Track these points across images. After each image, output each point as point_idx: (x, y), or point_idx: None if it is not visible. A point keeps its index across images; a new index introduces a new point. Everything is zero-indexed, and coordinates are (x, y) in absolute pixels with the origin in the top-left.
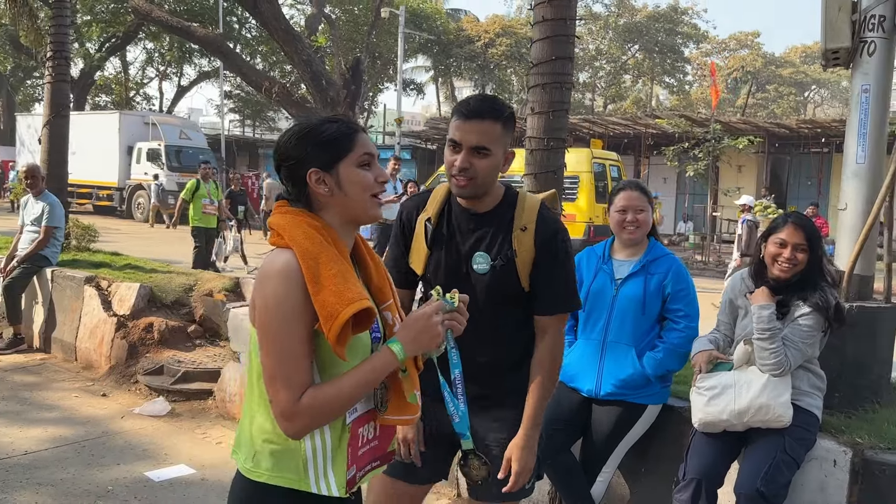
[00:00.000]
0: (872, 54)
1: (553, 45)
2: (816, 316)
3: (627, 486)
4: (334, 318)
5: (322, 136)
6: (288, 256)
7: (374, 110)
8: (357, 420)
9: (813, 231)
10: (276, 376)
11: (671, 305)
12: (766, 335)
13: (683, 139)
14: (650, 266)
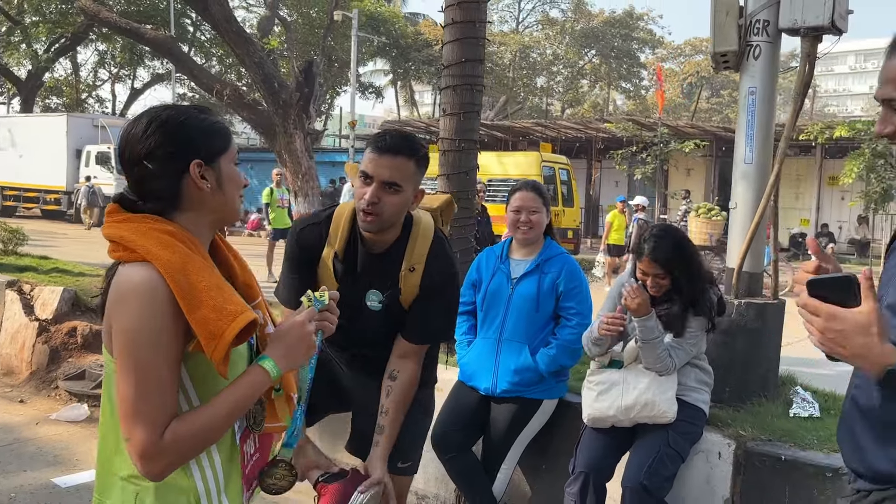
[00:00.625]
0: (758, 57)
1: (463, 47)
2: (699, 319)
3: (528, 482)
4: (218, 337)
5: (206, 124)
6: (146, 272)
7: (331, 113)
8: (241, 437)
9: (667, 261)
10: (137, 412)
11: (564, 303)
12: (649, 344)
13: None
14: (544, 265)
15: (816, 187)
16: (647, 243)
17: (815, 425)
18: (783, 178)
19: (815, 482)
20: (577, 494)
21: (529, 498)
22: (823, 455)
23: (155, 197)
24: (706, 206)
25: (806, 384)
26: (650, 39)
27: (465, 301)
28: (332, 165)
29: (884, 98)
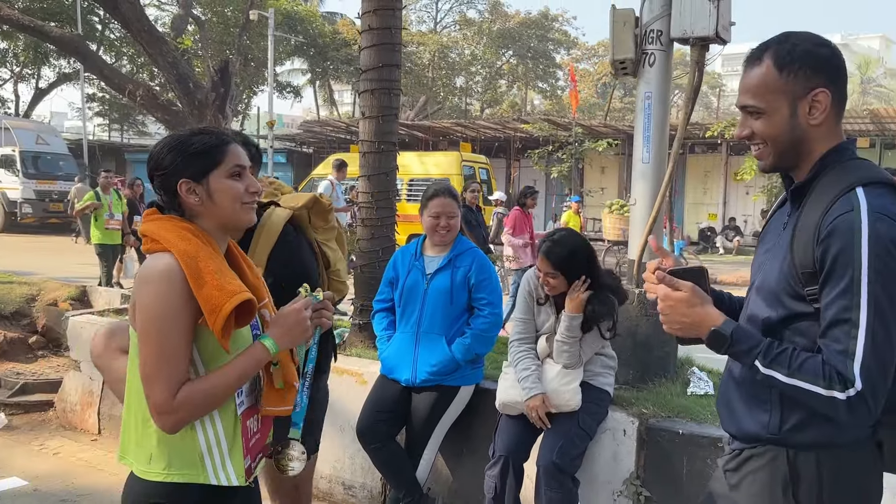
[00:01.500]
0: (653, 65)
1: (380, 52)
2: (608, 323)
3: (451, 466)
4: (218, 310)
5: (192, 147)
6: (167, 259)
7: (248, 113)
8: (245, 412)
9: (559, 258)
10: (154, 374)
11: (476, 294)
12: (569, 341)
13: (549, 142)
14: (456, 260)
15: (723, 183)
16: (545, 243)
17: (709, 401)
18: (691, 175)
19: (709, 452)
20: (497, 476)
21: (451, 481)
22: (716, 428)
23: (167, 206)
24: (619, 203)
25: (702, 365)
26: (565, 40)
27: (383, 298)
28: None
29: (741, 106)
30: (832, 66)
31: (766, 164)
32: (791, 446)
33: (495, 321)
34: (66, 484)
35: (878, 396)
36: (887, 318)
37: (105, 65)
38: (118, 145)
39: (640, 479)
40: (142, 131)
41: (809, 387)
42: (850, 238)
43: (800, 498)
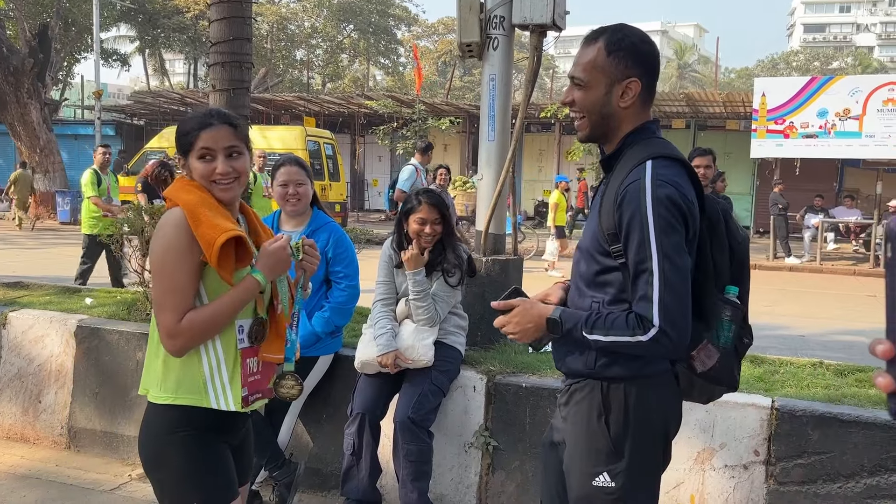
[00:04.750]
0: (497, 48)
1: (230, 25)
2: (456, 271)
3: (312, 431)
4: (212, 244)
5: (179, 129)
6: (176, 210)
7: (70, 82)
8: (245, 351)
9: (443, 204)
10: (164, 303)
11: (333, 268)
12: (420, 295)
13: (393, 119)
14: (313, 235)
15: (556, 161)
16: (422, 196)
17: (548, 357)
18: (527, 153)
19: (549, 403)
20: (355, 434)
21: (313, 446)
22: (553, 380)
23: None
24: (461, 180)
25: None
26: (406, 17)
27: None
28: (76, 138)
29: (570, 76)
30: (649, 63)
31: (582, 134)
32: (604, 379)
33: (352, 293)
34: None
35: (679, 327)
36: (674, 260)
37: None
38: None
39: (488, 431)
40: None
41: (622, 338)
42: (637, 201)
43: (610, 422)
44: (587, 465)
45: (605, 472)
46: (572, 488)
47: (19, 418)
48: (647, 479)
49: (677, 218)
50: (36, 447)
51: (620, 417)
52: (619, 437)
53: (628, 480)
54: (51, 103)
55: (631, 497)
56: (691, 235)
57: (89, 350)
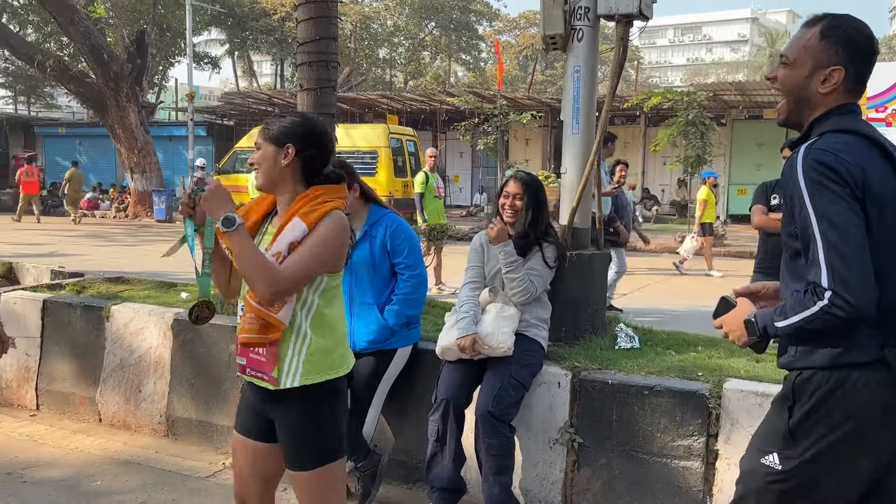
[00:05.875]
0: (581, 40)
1: (318, 25)
2: (552, 249)
3: (397, 424)
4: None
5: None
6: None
7: (165, 85)
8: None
9: (529, 183)
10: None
11: (395, 259)
12: (512, 267)
13: (474, 115)
14: (371, 230)
15: (641, 153)
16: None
17: (635, 354)
18: None
19: (636, 400)
20: (439, 420)
21: (396, 438)
22: (641, 377)
23: None
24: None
25: (628, 322)
26: (487, 12)
27: None
28: (170, 140)
29: (780, 53)
30: (860, 55)
31: (781, 117)
32: (800, 369)
33: (417, 282)
34: (9, 459)
35: (852, 287)
36: (833, 219)
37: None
38: (26, 119)
39: (573, 427)
40: (51, 104)
41: (803, 314)
42: (792, 175)
43: (794, 410)
44: (762, 442)
45: (776, 454)
46: (744, 460)
47: (122, 406)
48: (825, 477)
49: (831, 178)
50: (137, 434)
51: (806, 407)
52: (798, 425)
53: (798, 470)
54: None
55: (796, 488)
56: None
57: (185, 342)
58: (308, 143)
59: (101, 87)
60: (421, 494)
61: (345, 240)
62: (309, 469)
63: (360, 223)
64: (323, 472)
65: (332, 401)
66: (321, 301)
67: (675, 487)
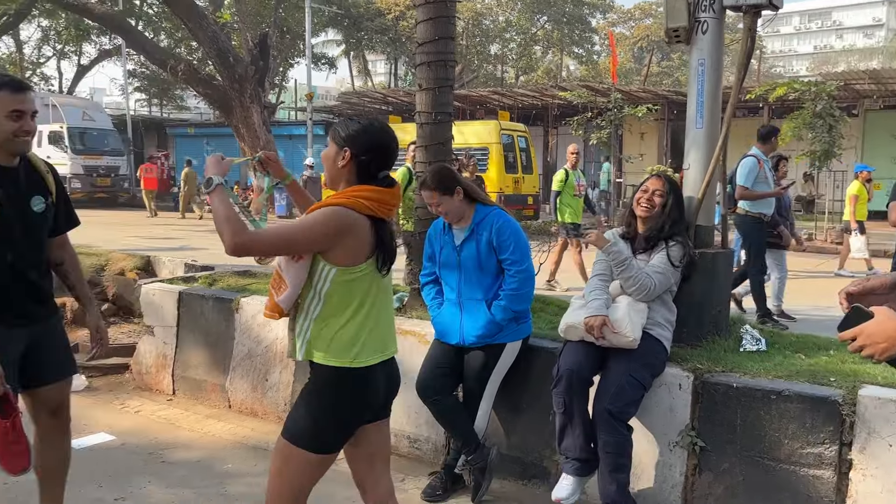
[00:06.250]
0: (706, 32)
1: (436, 26)
2: (679, 248)
3: (510, 419)
4: None
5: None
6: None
7: (284, 86)
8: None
9: (672, 182)
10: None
11: (501, 256)
12: (623, 266)
13: (587, 109)
14: (477, 228)
15: None
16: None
17: (761, 357)
18: (733, 139)
19: (761, 404)
20: (563, 392)
21: (509, 434)
22: (768, 381)
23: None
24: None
25: (754, 323)
26: (600, 4)
27: (426, 272)
28: (290, 138)
29: None
30: None
31: None
32: None
33: (524, 278)
34: (149, 439)
35: None
36: None
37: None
38: (159, 120)
39: (695, 430)
40: (181, 106)
41: None
42: None
43: None
44: None
45: None
46: None
47: (249, 394)
48: None
49: None
50: (263, 421)
51: None
52: None
53: None
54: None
55: None
56: None
57: None
58: (365, 149)
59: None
60: (536, 491)
61: (337, 230)
62: (282, 435)
63: (465, 223)
64: (285, 447)
65: (332, 390)
66: (334, 290)
67: (804, 497)
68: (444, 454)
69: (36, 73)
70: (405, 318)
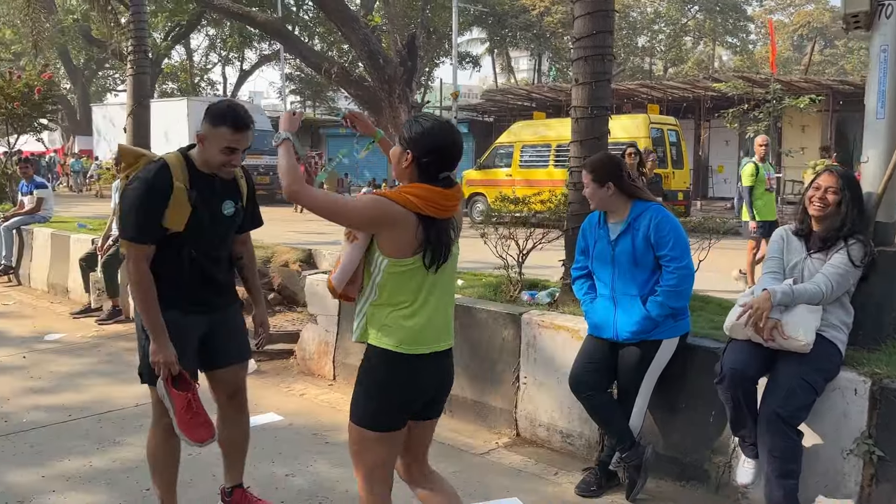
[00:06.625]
0: (889, 16)
1: (594, 20)
2: (860, 247)
3: (667, 419)
4: None
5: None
6: None
7: (430, 85)
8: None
9: (847, 178)
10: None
11: (658, 252)
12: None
13: (743, 101)
14: (634, 223)
15: None
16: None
17: None
18: None
19: None
20: (729, 388)
21: (666, 433)
22: None
23: None
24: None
25: None
26: None
27: (579, 266)
28: None
29: None
30: None
31: None
32: None
33: (682, 275)
34: (314, 421)
35: None
36: None
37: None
38: (312, 121)
39: (872, 439)
40: (332, 107)
41: None
42: None
43: None
44: None
45: None
46: None
47: None
48: None
49: None
50: None
51: None
52: None
53: None
54: (415, 106)
55: None
56: None
57: (462, 326)
58: (425, 152)
59: (376, 90)
60: (694, 493)
61: (374, 217)
62: (349, 418)
63: (620, 217)
64: (351, 428)
65: (383, 368)
66: (385, 280)
67: None
68: (598, 450)
69: (203, 78)
70: (557, 312)
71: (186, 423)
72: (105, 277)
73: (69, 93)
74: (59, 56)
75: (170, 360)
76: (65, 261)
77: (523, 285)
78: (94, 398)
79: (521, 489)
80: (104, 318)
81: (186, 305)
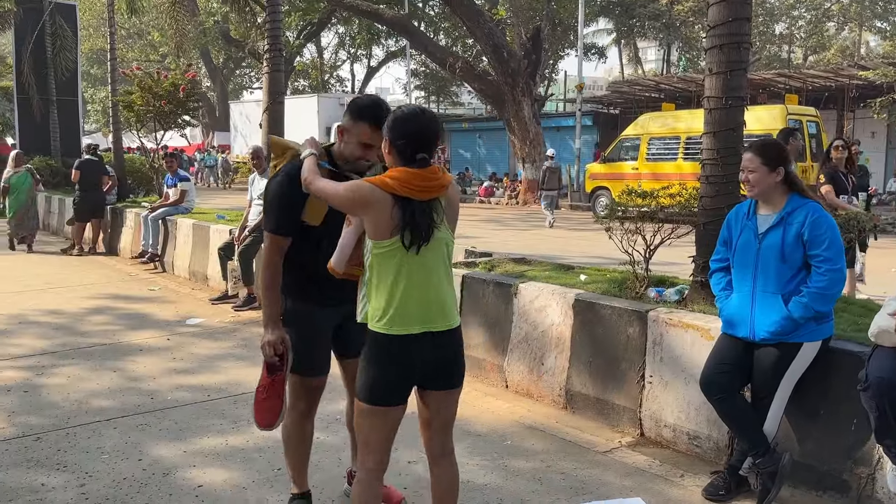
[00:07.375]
0: None
1: (730, 7)
2: None
3: (805, 426)
4: None
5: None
6: None
7: (554, 78)
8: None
9: None
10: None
11: (810, 251)
12: None
13: (893, 89)
14: (788, 217)
15: None
16: None
17: None
18: None
19: None
20: (875, 397)
21: (804, 441)
22: None
23: None
24: None
25: None
26: None
27: (719, 258)
28: (557, 130)
29: None
30: None
31: None
32: None
33: (833, 278)
34: None
35: None
36: None
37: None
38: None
39: None
40: (455, 102)
41: None
42: None
43: None
44: None
45: None
46: None
47: (525, 376)
48: None
49: None
50: (538, 403)
51: None
52: None
53: None
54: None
55: None
56: None
57: (584, 322)
58: (398, 136)
59: (500, 84)
60: None
61: (355, 200)
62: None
63: (773, 209)
64: (356, 402)
65: (375, 348)
66: (373, 261)
67: None
68: (727, 454)
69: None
70: (686, 311)
71: (258, 404)
72: (241, 266)
73: (209, 91)
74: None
75: (275, 343)
76: (205, 250)
77: (650, 282)
78: (230, 380)
79: (645, 489)
80: (240, 304)
81: (324, 299)
